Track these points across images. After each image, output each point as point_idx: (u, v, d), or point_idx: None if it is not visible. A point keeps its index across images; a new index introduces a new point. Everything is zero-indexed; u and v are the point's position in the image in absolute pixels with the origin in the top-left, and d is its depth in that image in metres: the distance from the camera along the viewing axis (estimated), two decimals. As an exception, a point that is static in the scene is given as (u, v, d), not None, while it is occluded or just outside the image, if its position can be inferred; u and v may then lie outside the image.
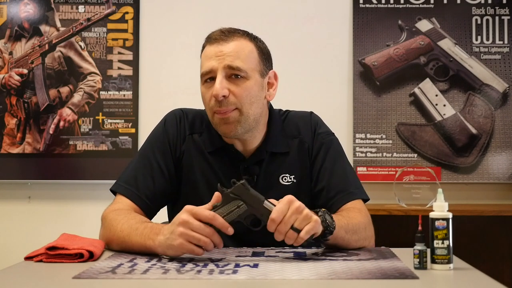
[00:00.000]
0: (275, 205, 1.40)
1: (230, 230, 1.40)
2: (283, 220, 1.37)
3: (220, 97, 1.60)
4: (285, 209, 1.38)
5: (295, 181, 1.73)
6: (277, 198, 1.68)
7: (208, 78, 1.64)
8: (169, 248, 1.40)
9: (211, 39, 1.66)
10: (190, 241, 1.37)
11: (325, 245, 1.54)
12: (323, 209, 1.48)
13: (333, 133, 1.82)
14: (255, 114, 1.66)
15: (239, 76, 1.63)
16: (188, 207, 1.40)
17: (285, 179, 1.73)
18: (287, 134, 1.76)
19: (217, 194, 1.44)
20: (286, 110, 1.83)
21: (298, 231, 1.38)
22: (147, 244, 1.45)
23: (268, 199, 1.43)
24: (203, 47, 1.70)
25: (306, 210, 1.40)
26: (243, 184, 1.43)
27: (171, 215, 1.83)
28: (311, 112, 1.83)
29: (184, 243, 1.37)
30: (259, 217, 1.42)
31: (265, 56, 1.71)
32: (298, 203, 1.40)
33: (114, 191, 1.71)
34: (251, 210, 1.42)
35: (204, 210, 1.39)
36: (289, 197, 1.41)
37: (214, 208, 1.42)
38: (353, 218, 1.59)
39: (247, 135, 1.69)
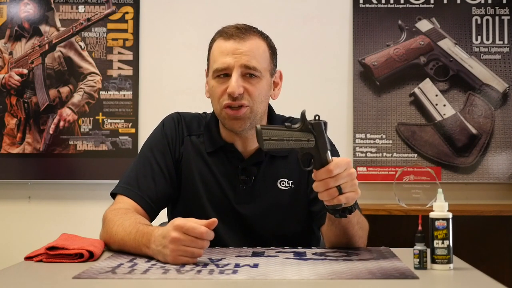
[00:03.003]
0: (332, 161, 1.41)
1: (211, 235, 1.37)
2: (336, 176, 1.38)
3: (236, 94, 1.62)
4: (343, 168, 1.40)
5: (293, 186, 1.72)
6: (273, 202, 1.70)
7: (221, 74, 1.65)
8: (165, 261, 1.38)
9: (227, 34, 1.66)
10: (183, 255, 1.36)
11: (337, 220, 1.53)
12: None
13: (333, 144, 1.82)
14: (262, 112, 1.70)
15: (253, 75, 1.64)
16: (178, 223, 1.36)
17: (283, 183, 1.73)
18: None
19: (212, 220, 1.39)
20: (290, 117, 1.84)
21: (340, 192, 1.39)
22: (143, 251, 1.45)
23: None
24: (214, 39, 1.70)
25: (356, 181, 1.42)
26: (325, 123, 1.44)
27: (170, 217, 1.82)
28: None
29: (178, 257, 1.36)
30: (314, 159, 1.41)
31: (274, 56, 1.73)
32: (353, 170, 1.42)
33: (114, 194, 1.71)
34: (314, 150, 1.41)
35: (195, 227, 1.35)
36: (348, 160, 1.42)
37: (287, 127, 1.42)
38: (363, 218, 1.63)
39: (250, 132, 1.69)
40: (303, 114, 1.42)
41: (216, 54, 1.66)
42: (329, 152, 1.41)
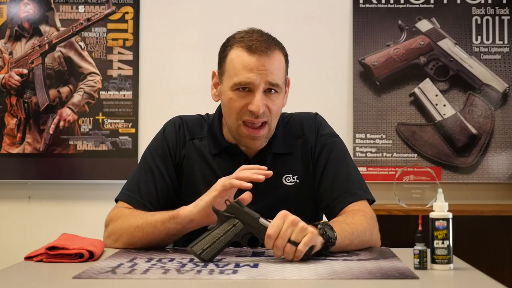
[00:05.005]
0: (270, 222, 1.40)
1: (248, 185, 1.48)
2: (279, 235, 1.37)
3: (260, 113, 1.61)
4: (281, 224, 1.38)
5: (298, 181, 1.73)
6: (280, 199, 1.69)
7: (242, 87, 1.63)
8: (205, 196, 1.50)
9: (250, 48, 1.62)
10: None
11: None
12: (322, 221, 1.46)
13: (337, 135, 1.81)
14: (275, 124, 1.70)
15: (272, 91, 1.64)
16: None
17: (288, 179, 1.73)
18: (291, 134, 1.76)
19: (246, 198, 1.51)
20: (290, 113, 1.84)
21: (296, 244, 1.37)
22: (170, 214, 1.53)
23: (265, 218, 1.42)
24: (231, 47, 1.65)
25: (302, 223, 1.39)
26: (237, 202, 1.43)
27: None
28: (316, 113, 1.83)
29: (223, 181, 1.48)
30: (255, 235, 1.41)
31: (287, 66, 1.73)
32: (292, 217, 1.39)
33: (117, 200, 1.72)
34: (247, 228, 1.42)
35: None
36: (283, 212, 1.41)
37: (209, 230, 1.43)
38: (358, 225, 1.56)
39: None
40: (215, 211, 1.43)
41: (238, 66, 1.62)
42: (261, 218, 1.41)
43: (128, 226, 1.59)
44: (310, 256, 1.39)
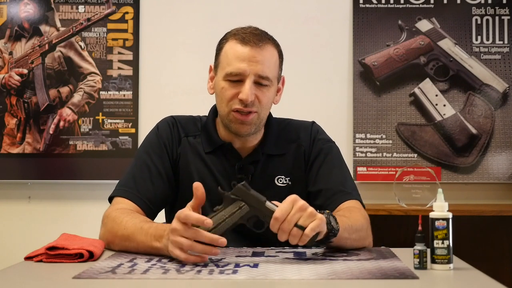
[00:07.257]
0: (277, 206, 1.39)
1: (222, 242, 1.35)
2: (286, 218, 1.36)
3: (248, 101, 1.63)
4: (289, 208, 1.37)
5: (290, 183, 1.75)
6: (273, 199, 1.69)
7: (234, 78, 1.65)
8: (170, 254, 1.39)
9: (244, 40, 1.66)
10: (177, 246, 1.35)
11: (327, 247, 1.54)
12: (327, 211, 1.46)
13: (333, 141, 1.84)
14: (266, 117, 1.73)
15: (263, 83, 1.66)
16: (177, 213, 1.37)
17: (281, 180, 1.75)
18: (286, 138, 1.79)
19: (196, 187, 1.40)
20: (289, 119, 1.86)
21: (302, 228, 1.36)
22: (154, 245, 1.45)
23: (271, 201, 1.42)
24: (227, 39, 1.69)
25: (311, 208, 1.38)
26: (244, 185, 1.42)
27: (169, 217, 1.83)
28: (313, 122, 1.86)
29: (175, 249, 1.35)
30: (261, 218, 1.41)
31: (282, 62, 1.75)
32: (302, 202, 1.38)
33: (113, 196, 1.70)
34: (253, 210, 1.41)
35: (187, 214, 1.35)
36: (292, 196, 1.39)
37: (215, 211, 1.41)
38: (356, 220, 1.58)
39: (252, 135, 1.72)
40: (221, 193, 1.42)
41: (231, 57, 1.66)
42: (267, 202, 1.40)
43: (118, 233, 1.55)
44: (314, 243, 1.39)
